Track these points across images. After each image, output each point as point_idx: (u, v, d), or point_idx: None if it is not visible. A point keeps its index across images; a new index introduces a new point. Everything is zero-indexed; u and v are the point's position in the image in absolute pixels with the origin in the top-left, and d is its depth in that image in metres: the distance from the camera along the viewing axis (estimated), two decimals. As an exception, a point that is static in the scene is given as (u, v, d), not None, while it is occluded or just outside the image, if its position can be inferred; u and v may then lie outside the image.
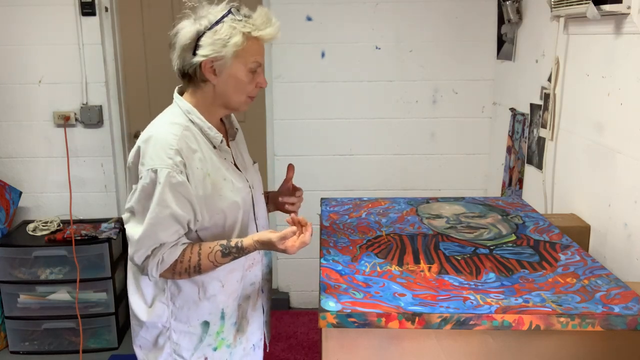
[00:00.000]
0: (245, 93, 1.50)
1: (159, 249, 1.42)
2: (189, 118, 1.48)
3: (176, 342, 1.56)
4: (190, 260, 1.44)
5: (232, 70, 1.44)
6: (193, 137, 1.46)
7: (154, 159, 1.40)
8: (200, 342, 1.57)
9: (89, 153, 3.25)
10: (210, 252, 1.44)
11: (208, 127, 1.49)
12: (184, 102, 1.50)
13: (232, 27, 1.41)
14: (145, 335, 1.59)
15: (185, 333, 1.56)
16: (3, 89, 3.14)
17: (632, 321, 1.26)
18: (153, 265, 1.43)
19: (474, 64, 3.17)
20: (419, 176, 3.31)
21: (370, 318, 1.27)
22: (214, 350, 1.59)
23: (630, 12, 1.72)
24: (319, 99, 3.22)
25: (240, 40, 1.41)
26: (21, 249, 2.98)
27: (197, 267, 1.45)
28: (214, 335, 1.58)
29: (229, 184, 1.50)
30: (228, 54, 1.41)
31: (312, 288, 3.43)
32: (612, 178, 1.85)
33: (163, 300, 1.55)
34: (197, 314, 1.55)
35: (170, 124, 1.46)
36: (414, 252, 1.62)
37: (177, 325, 1.56)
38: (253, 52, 1.45)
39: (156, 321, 1.56)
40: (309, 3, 3.11)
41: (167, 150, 1.40)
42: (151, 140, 1.42)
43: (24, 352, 3.08)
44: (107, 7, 3.12)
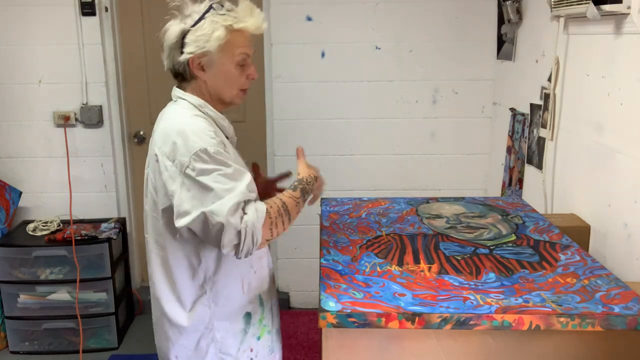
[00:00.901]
0: (236, 86, 1.51)
1: (247, 204, 1.34)
2: (202, 111, 1.49)
3: (220, 340, 1.55)
4: (276, 204, 1.40)
5: (219, 64, 1.46)
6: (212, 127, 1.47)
7: (198, 142, 1.36)
8: (245, 335, 1.57)
9: (89, 153, 3.25)
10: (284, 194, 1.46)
11: (222, 118, 1.52)
12: (194, 98, 1.50)
13: (214, 21, 1.43)
14: (185, 342, 1.55)
15: (229, 330, 1.55)
16: (3, 89, 3.14)
17: (632, 321, 1.26)
18: (254, 217, 1.32)
19: (474, 64, 3.17)
20: (419, 176, 3.31)
21: (370, 318, 1.27)
22: (258, 339, 1.60)
23: (630, 12, 1.72)
24: (319, 99, 3.22)
25: (223, 33, 1.43)
26: (21, 249, 2.98)
27: (285, 207, 1.41)
28: (257, 324, 1.60)
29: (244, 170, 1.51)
30: (212, 48, 1.43)
31: (312, 288, 3.43)
32: (612, 178, 1.85)
33: (205, 302, 1.53)
34: (238, 308, 1.55)
35: (192, 117, 1.45)
36: (414, 252, 1.62)
37: (220, 324, 1.54)
38: (238, 45, 1.46)
39: (198, 324, 1.53)
40: (309, 3, 3.11)
41: (207, 132, 1.40)
42: (187, 130, 1.39)
43: (24, 352, 3.07)
44: (107, 7, 3.12)
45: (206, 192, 1.34)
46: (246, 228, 1.32)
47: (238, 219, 1.31)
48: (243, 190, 1.34)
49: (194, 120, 1.44)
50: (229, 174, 1.35)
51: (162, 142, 1.43)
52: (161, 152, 1.42)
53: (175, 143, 1.39)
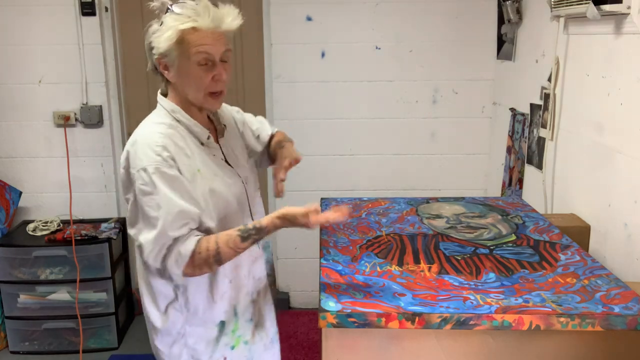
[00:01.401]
0: (201, 89, 1.47)
1: (173, 245, 1.39)
2: (174, 117, 1.50)
3: (193, 347, 1.55)
4: (208, 250, 1.40)
5: (178, 64, 1.45)
6: (179, 135, 1.47)
7: (142, 159, 1.40)
8: (217, 343, 1.57)
9: (89, 153, 3.25)
10: (229, 239, 1.41)
11: (194, 124, 1.51)
12: (167, 102, 1.52)
13: (166, 22, 1.44)
14: (160, 344, 1.57)
15: (202, 336, 1.55)
16: (3, 89, 3.14)
17: (632, 321, 1.26)
18: (172, 263, 1.40)
19: (474, 64, 3.17)
20: (419, 176, 3.31)
21: (370, 318, 1.27)
22: (232, 348, 1.59)
23: (630, 12, 1.72)
24: (319, 99, 3.22)
25: (173, 34, 1.41)
26: (21, 249, 2.98)
27: (216, 256, 1.40)
28: (230, 333, 1.58)
29: (220, 179, 1.51)
30: (163, 49, 1.43)
31: (312, 288, 3.43)
32: (612, 178, 1.85)
33: (177, 307, 1.54)
34: (212, 316, 1.55)
35: (155, 124, 1.49)
36: (414, 252, 1.62)
37: (192, 330, 1.54)
38: (195, 44, 1.42)
39: (170, 328, 1.54)
40: (309, 3, 3.11)
41: (154, 147, 1.41)
42: (137, 142, 1.44)
43: (24, 352, 3.07)
44: (107, 7, 3.12)
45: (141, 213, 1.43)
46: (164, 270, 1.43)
47: (158, 261, 1.41)
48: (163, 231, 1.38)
49: (153, 129, 1.47)
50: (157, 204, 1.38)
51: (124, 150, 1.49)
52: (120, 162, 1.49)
53: (127, 154, 1.45)
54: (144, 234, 1.41)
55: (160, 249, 1.39)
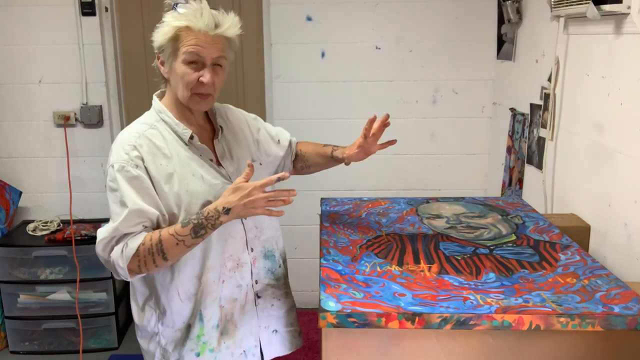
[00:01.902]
0: (187, 87, 1.49)
1: (122, 238, 1.43)
2: (160, 117, 1.55)
3: (164, 347, 1.59)
4: (151, 239, 1.41)
5: (170, 60, 1.50)
6: (160, 135, 1.51)
7: (113, 156, 1.48)
8: (182, 347, 1.57)
9: (89, 153, 3.25)
10: (171, 227, 1.43)
11: (175, 124, 1.54)
12: (157, 103, 1.58)
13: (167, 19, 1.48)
14: (140, 339, 1.65)
15: (172, 338, 1.58)
16: (3, 89, 3.14)
17: (632, 321, 1.26)
18: (118, 255, 1.42)
19: (474, 64, 3.17)
20: (419, 176, 3.31)
21: (370, 318, 1.27)
22: (197, 355, 1.58)
23: (630, 12, 1.72)
24: (319, 99, 3.22)
25: (168, 30, 1.46)
26: (21, 249, 2.98)
27: (159, 245, 1.40)
28: (195, 339, 1.57)
29: (198, 179, 1.51)
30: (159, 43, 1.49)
31: (312, 288, 3.43)
32: (612, 178, 1.85)
33: (151, 305, 1.58)
34: (180, 317, 1.56)
35: (138, 124, 1.55)
36: (414, 252, 1.62)
37: (164, 330, 1.58)
38: (186, 43, 1.46)
39: (146, 325, 1.60)
40: (309, 3, 3.11)
41: (125, 146, 1.47)
42: (116, 142, 1.51)
43: (24, 352, 3.08)
44: (107, 7, 3.12)
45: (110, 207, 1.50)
46: (111, 262, 1.44)
47: (106, 253, 1.45)
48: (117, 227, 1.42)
49: (133, 128, 1.53)
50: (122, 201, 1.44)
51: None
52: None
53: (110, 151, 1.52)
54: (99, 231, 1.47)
55: (110, 240, 1.43)
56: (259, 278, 1.68)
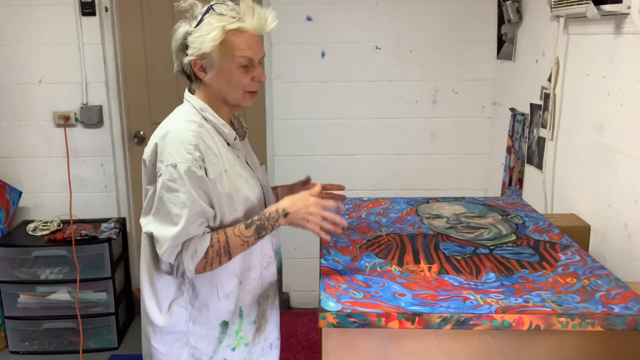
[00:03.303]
0: (240, 88, 1.48)
1: (189, 242, 1.41)
2: (202, 116, 1.49)
3: (194, 345, 1.55)
4: (219, 242, 1.43)
5: (219, 66, 1.45)
6: (208, 135, 1.47)
7: (173, 155, 1.40)
8: (219, 344, 1.56)
9: (89, 153, 3.25)
10: (235, 228, 1.45)
11: (222, 124, 1.50)
12: (197, 101, 1.51)
13: (210, 22, 1.42)
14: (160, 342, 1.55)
15: (204, 336, 1.55)
16: (3, 89, 3.14)
17: (632, 321, 1.26)
18: (188, 259, 1.40)
19: (474, 64, 3.17)
20: (419, 176, 3.31)
21: (370, 318, 1.27)
22: (232, 350, 1.58)
23: (630, 12, 1.72)
24: (319, 99, 3.22)
25: (218, 34, 1.41)
26: (21, 249, 2.98)
27: (226, 247, 1.43)
28: (233, 335, 1.58)
29: (244, 180, 1.51)
30: (207, 50, 1.42)
31: (312, 288, 3.44)
32: (612, 178, 1.85)
33: (181, 304, 1.53)
34: (216, 314, 1.54)
35: (186, 122, 1.46)
36: (414, 252, 1.62)
37: (195, 329, 1.54)
38: (239, 47, 1.43)
39: (173, 326, 1.54)
40: (309, 3, 3.11)
41: (186, 145, 1.40)
42: (168, 137, 1.43)
43: (24, 352, 3.08)
44: (107, 7, 3.12)
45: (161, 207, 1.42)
46: (178, 265, 1.41)
47: (173, 257, 1.41)
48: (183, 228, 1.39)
49: (184, 126, 1.45)
50: (183, 202, 1.39)
51: (149, 142, 1.48)
52: (145, 152, 1.48)
53: (155, 147, 1.44)
54: (161, 228, 1.41)
55: (177, 245, 1.40)
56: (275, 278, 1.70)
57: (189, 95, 1.53)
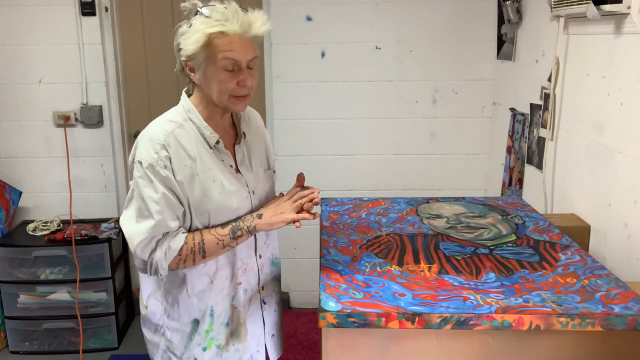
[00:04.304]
0: (225, 92, 1.46)
1: (163, 239, 1.45)
2: (188, 117, 1.51)
3: (169, 339, 1.59)
4: (193, 239, 1.46)
5: (204, 68, 1.46)
6: (187, 135, 1.48)
7: (142, 152, 1.46)
8: (190, 341, 1.58)
9: (89, 153, 3.25)
10: (211, 228, 1.49)
11: (204, 127, 1.51)
12: (186, 101, 1.53)
13: (195, 25, 1.43)
14: (144, 329, 1.66)
15: (177, 331, 1.59)
16: (3, 89, 3.14)
17: (632, 321, 1.26)
18: (161, 257, 1.44)
19: (474, 64, 3.17)
20: (419, 176, 3.31)
21: (370, 318, 1.27)
22: (204, 350, 1.59)
23: (630, 12, 1.72)
24: (319, 99, 3.22)
25: (201, 37, 1.41)
26: (21, 249, 2.98)
27: (201, 244, 1.47)
28: (204, 334, 1.58)
29: (218, 186, 1.50)
30: (190, 52, 1.43)
31: (312, 288, 3.44)
32: (612, 178, 1.85)
33: (157, 297, 1.59)
34: (187, 311, 1.57)
35: (166, 121, 1.51)
36: (414, 252, 1.62)
37: (169, 323, 1.59)
38: (222, 49, 1.42)
39: (151, 317, 1.61)
40: (309, 3, 3.11)
41: (155, 144, 1.45)
42: (144, 136, 1.49)
43: (24, 352, 3.08)
44: (107, 7, 3.12)
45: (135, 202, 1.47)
46: (152, 262, 1.45)
47: (146, 253, 1.45)
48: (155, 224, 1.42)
49: (161, 126, 1.49)
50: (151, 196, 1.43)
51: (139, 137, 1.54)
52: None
53: (136, 143, 1.50)
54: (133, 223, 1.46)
55: (151, 240, 1.44)
56: (266, 284, 1.68)
57: (183, 95, 1.56)
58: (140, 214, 1.45)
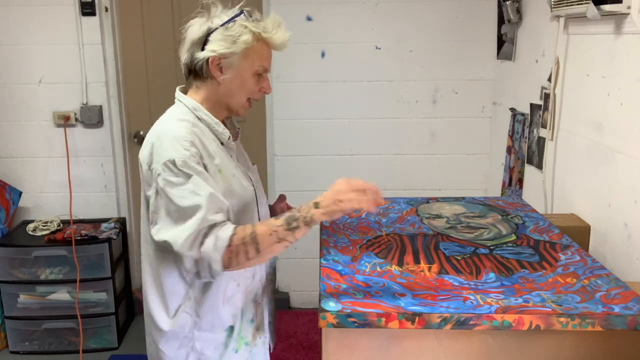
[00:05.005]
0: (247, 95, 1.50)
1: (209, 231, 1.34)
2: (195, 115, 1.48)
3: (200, 350, 1.53)
4: (244, 230, 1.35)
5: (238, 69, 1.45)
6: (202, 133, 1.46)
7: (170, 151, 1.37)
8: (225, 349, 1.55)
9: (89, 153, 3.25)
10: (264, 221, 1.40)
11: (215, 123, 1.49)
12: (189, 100, 1.49)
13: (244, 25, 1.43)
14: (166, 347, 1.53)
15: (210, 341, 1.53)
16: (3, 89, 3.14)
17: (632, 321, 1.26)
18: (211, 247, 1.32)
19: (474, 64, 3.17)
20: (419, 176, 3.31)
21: (370, 318, 1.27)
22: (236, 352, 1.57)
23: (630, 12, 1.72)
24: (319, 99, 3.22)
25: (250, 38, 1.43)
26: (21, 249, 2.98)
27: (252, 234, 1.34)
28: (236, 336, 1.57)
29: (237, 181, 1.50)
30: (237, 51, 1.42)
31: (312, 288, 3.43)
32: (612, 178, 1.85)
33: (187, 310, 1.51)
34: (221, 321, 1.52)
35: (178, 121, 1.45)
36: (414, 252, 1.62)
37: (200, 335, 1.52)
38: (261, 56, 1.47)
39: (178, 331, 1.51)
40: (309, 3, 3.11)
41: (182, 141, 1.38)
42: (163, 136, 1.40)
43: (24, 352, 3.08)
44: (107, 7, 3.12)
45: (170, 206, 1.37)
46: (203, 258, 1.33)
47: (195, 248, 1.33)
48: (202, 216, 1.33)
49: (177, 125, 1.43)
50: (192, 191, 1.34)
51: (144, 146, 1.46)
52: (141, 155, 1.45)
53: (152, 147, 1.41)
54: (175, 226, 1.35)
55: (197, 235, 1.33)
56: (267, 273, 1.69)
57: (181, 95, 1.52)
58: (179, 215, 1.35)
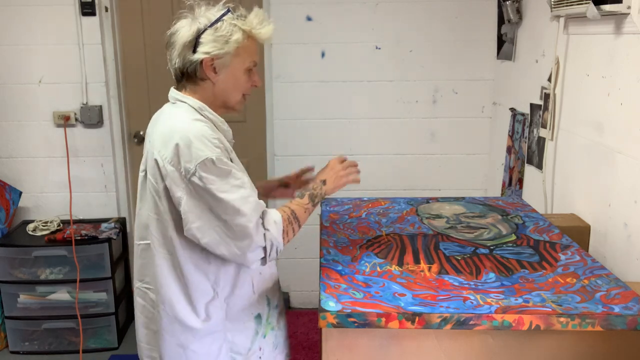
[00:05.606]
0: (242, 91, 1.52)
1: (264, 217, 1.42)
2: (201, 115, 1.47)
3: (232, 340, 1.55)
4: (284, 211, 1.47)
5: (231, 68, 1.46)
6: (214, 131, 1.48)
7: (205, 150, 1.36)
8: (256, 335, 1.59)
9: (89, 153, 3.25)
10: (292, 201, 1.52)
11: (221, 122, 1.52)
12: (194, 100, 1.48)
13: (233, 24, 1.44)
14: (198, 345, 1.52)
15: (241, 330, 1.56)
16: (3, 89, 3.14)
17: (632, 321, 1.26)
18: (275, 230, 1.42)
19: (474, 64, 3.17)
20: (419, 176, 3.31)
21: (370, 318, 1.27)
22: (264, 337, 1.62)
23: (630, 12, 1.72)
24: (319, 99, 3.22)
25: (241, 37, 1.44)
26: (21, 249, 2.98)
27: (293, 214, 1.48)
28: (265, 323, 1.61)
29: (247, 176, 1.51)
30: (230, 50, 1.43)
31: (312, 288, 3.43)
32: (612, 178, 1.85)
33: (216, 304, 1.51)
34: (249, 309, 1.56)
35: (194, 121, 1.43)
36: (414, 252, 1.62)
37: (231, 325, 1.54)
38: (251, 52, 1.49)
39: (211, 326, 1.52)
40: (309, 3, 3.11)
41: (211, 139, 1.39)
42: (191, 136, 1.38)
43: (24, 352, 3.08)
44: (107, 7, 3.12)
45: (216, 203, 1.37)
46: (271, 244, 1.41)
47: (261, 236, 1.40)
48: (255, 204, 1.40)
49: (196, 125, 1.42)
50: (236, 185, 1.38)
51: (162, 146, 1.41)
52: (162, 156, 1.41)
53: (177, 148, 1.38)
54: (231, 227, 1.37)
55: (258, 224, 1.39)
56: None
57: (182, 95, 1.50)
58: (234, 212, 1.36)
